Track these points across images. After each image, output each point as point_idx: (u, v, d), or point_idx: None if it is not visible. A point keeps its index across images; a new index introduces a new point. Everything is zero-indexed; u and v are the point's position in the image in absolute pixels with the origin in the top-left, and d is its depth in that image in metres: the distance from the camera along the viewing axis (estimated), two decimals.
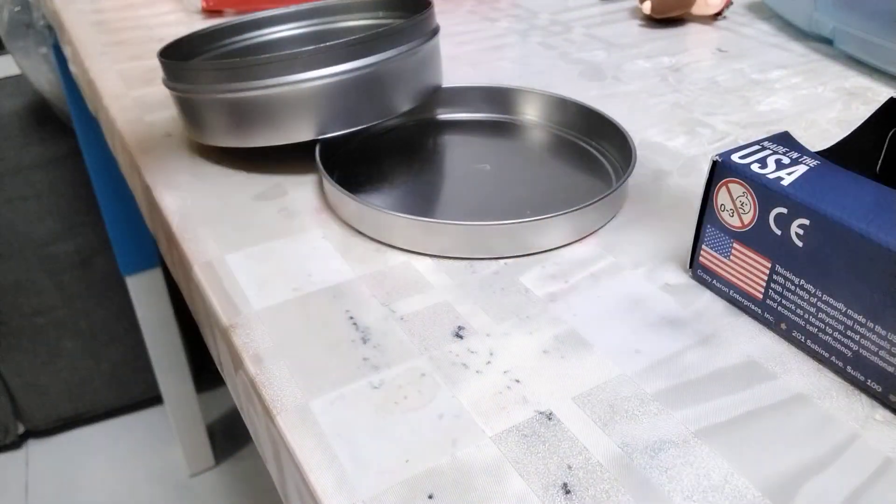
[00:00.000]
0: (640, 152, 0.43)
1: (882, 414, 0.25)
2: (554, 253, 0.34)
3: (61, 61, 0.95)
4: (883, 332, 0.25)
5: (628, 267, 0.33)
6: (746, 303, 0.29)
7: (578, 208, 0.33)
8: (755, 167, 0.28)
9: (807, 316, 0.27)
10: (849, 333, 0.26)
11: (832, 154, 0.32)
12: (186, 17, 0.66)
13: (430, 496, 0.22)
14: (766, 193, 0.27)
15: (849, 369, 0.26)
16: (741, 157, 0.29)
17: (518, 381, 0.27)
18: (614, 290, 0.31)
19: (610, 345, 0.28)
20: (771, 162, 0.28)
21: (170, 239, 0.37)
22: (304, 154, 0.42)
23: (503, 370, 0.27)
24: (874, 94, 0.51)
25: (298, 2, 0.61)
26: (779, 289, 0.28)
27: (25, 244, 1.17)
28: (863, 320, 0.25)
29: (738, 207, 0.28)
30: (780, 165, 0.28)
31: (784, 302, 0.28)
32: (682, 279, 0.32)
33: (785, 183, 0.27)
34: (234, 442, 1.37)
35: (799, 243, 0.27)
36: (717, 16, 0.66)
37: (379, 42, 0.36)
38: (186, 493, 1.27)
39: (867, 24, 0.53)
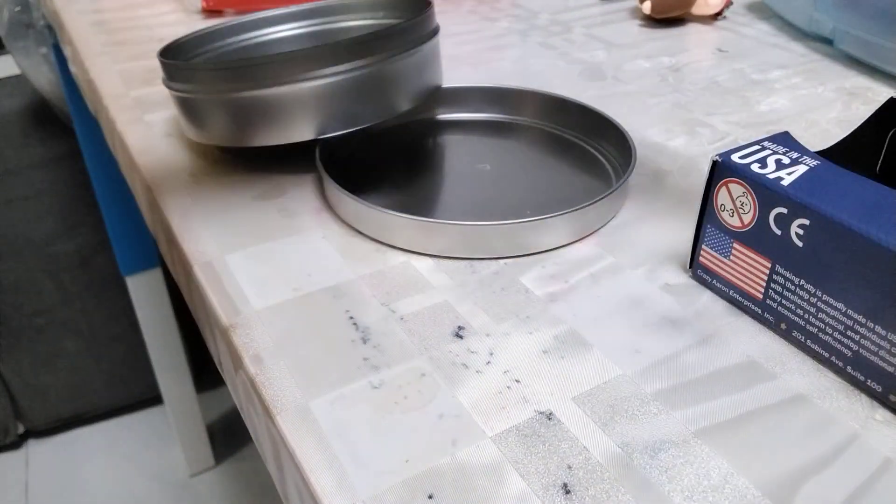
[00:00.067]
0: (640, 152, 0.43)
1: (882, 414, 0.25)
2: (554, 253, 0.34)
3: (61, 61, 0.95)
4: (883, 332, 0.25)
5: (628, 267, 0.33)
6: (746, 303, 0.29)
7: (578, 208, 0.33)
8: (755, 167, 0.28)
9: (807, 316, 0.27)
10: (849, 333, 0.26)
11: (832, 154, 0.32)
12: (186, 17, 0.66)
13: (430, 496, 0.22)
14: (766, 193, 0.27)
15: (849, 369, 0.26)
16: (741, 157, 0.29)
17: (518, 381, 0.27)
18: (614, 290, 0.31)
19: (610, 345, 0.28)
20: (771, 162, 0.28)
21: (170, 239, 0.37)
22: (304, 154, 0.42)
23: (503, 370, 0.27)
24: (874, 94, 0.51)
25: (298, 2, 0.61)
26: (779, 289, 0.28)
27: (25, 244, 1.17)
28: (863, 320, 0.25)
29: (738, 207, 0.28)
30: (780, 165, 0.28)
31: (784, 302, 0.28)
32: (682, 279, 0.32)
33: (785, 183, 0.27)
34: (234, 442, 1.37)
35: (799, 243, 0.27)
36: (717, 16, 0.66)
37: (379, 42, 0.36)
38: (186, 493, 1.27)
39: (867, 24, 0.53)
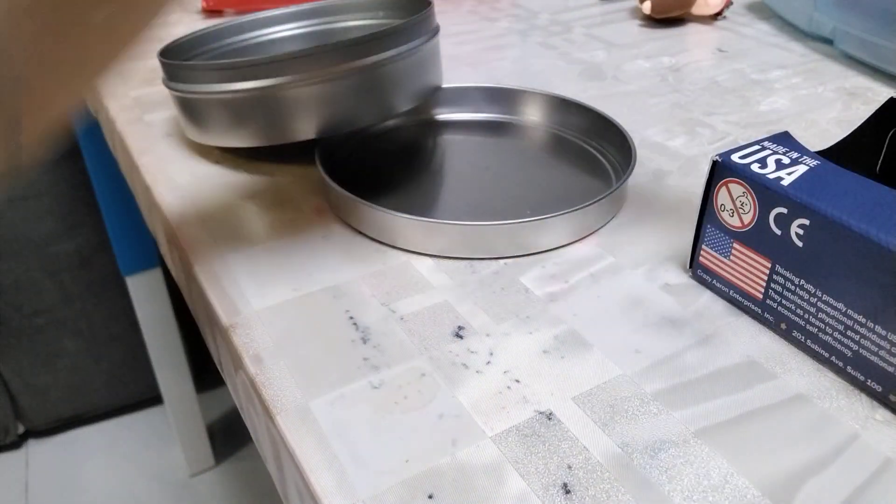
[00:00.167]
0: (640, 152, 0.43)
1: (882, 414, 0.25)
2: (554, 253, 0.34)
3: None
4: (883, 332, 0.25)
5: (628, 267, 0.33)
6: (746, 303, 0.29)
7: (578, 208, 0.33)
8: (755, 167, 0.28)
9: (807, 316, 0.27)
10: (849, 333, 0.26)
11: (832, 154, 0.32)
12: (186, 17, 0.66)
13: (430, 496, 0.22)
14: (766, 193, 0.27)
15: (849, 369, 0.26)
16: (741, 157, 0.29)
17: (518, 381, 0.27)
18: (614, 290, 0.31)
19: (610, 345, 0.28)
20: (771, 162, 0.28)
21: (170, 239, 0.37)
22: (304, 154, 0.42)
23: (503, 370, 0.27)
24: (874, 94, 0.51)
25: (298, 2, 0.61)
26: (779, 289, 0.28)
27: (25, 244, 1.17)
28: (863, 320, 0.25)
29: (738, 207, 0.28)
30: (780, 165, 0.28)
31: (784, 302, 0.28)
32: (682, 279, 0.32)
33: (785, 183, 0.27)
34: (234, 442, 1.37)
35: (799, 243, 0.27)
36: (717, 16, 0.66)
37: (379, 42, 0.36)
38: (186, 493, 1.27)
39: (867, 24, 0.53)
